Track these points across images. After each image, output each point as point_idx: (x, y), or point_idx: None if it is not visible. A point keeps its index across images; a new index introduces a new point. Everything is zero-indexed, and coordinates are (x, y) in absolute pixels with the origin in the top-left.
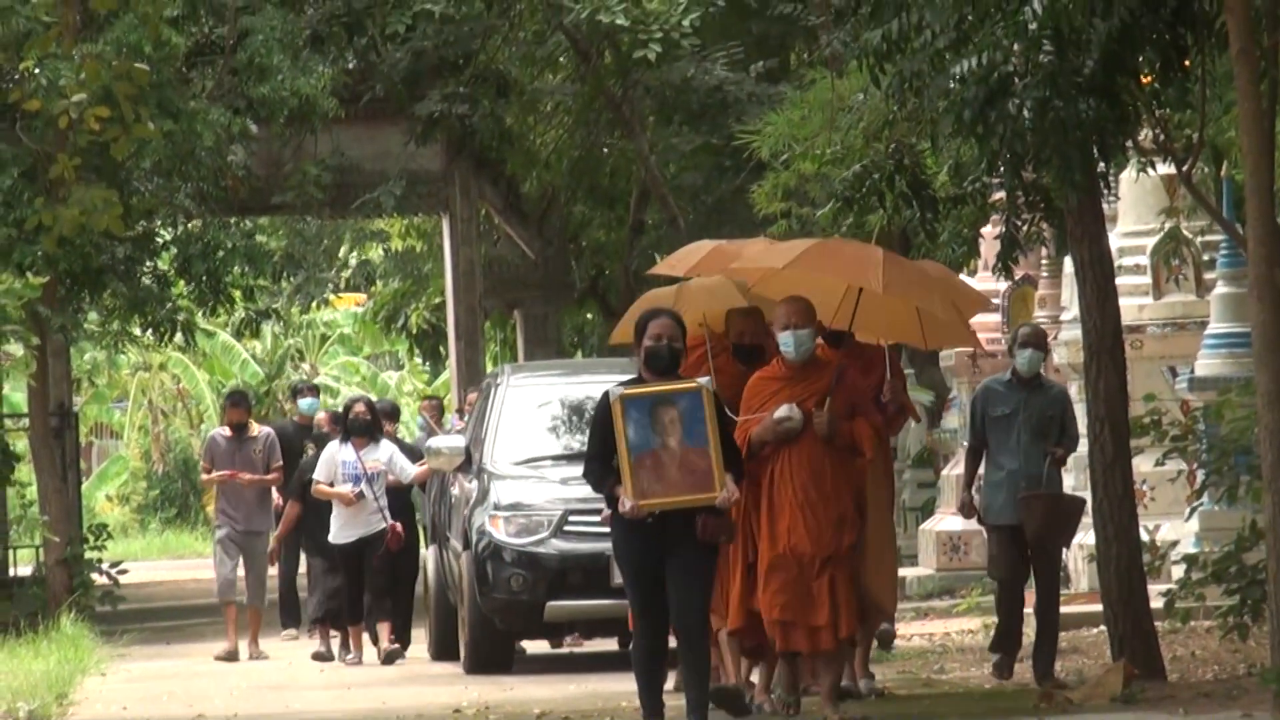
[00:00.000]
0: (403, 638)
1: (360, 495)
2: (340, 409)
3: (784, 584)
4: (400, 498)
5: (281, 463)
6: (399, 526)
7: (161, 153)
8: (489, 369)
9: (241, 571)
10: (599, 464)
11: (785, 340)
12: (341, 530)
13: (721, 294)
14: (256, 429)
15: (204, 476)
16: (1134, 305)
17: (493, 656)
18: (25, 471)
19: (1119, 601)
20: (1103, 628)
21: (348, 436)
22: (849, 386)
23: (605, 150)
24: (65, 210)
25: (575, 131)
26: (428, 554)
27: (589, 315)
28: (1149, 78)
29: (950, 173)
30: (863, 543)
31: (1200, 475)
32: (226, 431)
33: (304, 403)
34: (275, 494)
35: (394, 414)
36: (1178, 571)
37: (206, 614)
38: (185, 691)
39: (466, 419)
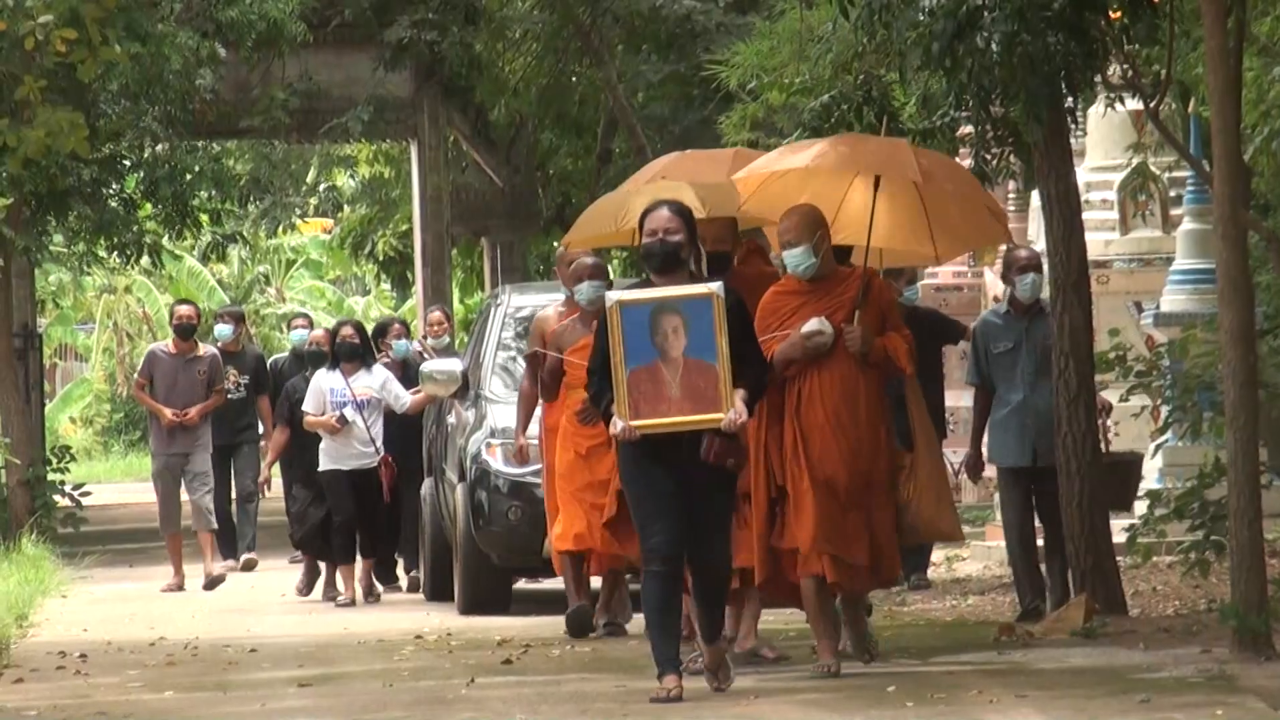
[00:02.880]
0: (390, 575)
1: (343, 421)
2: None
3: (824, 514)
4: (410, 427)
5: (222, 385)
6: (390, 459)
7: (129, 76)
8: (455, 295)
9: (185, 495)
10: (599, 378)
11: (785, 258)
12: (328, 461)
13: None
14: (202, 349)
15: (137, 392)
16: (1100, 240)
17: (489, 596)
18: None
19: (1081, 536)
20: None
21: (336, 362)
22: (878, 297)
23: (574, 79)
24: (31, 132)
25: (544, 59)
26: (424, 487)
27: (555, 243)
28: (1117, 13)
29: (918, 105)
30: (915, 469)
31: (1164, 411)
32: (170, 348)
33: (296, 335)
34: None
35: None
36: (1140, 507)
37: None
38: (147, 614)
39: (429, 341)
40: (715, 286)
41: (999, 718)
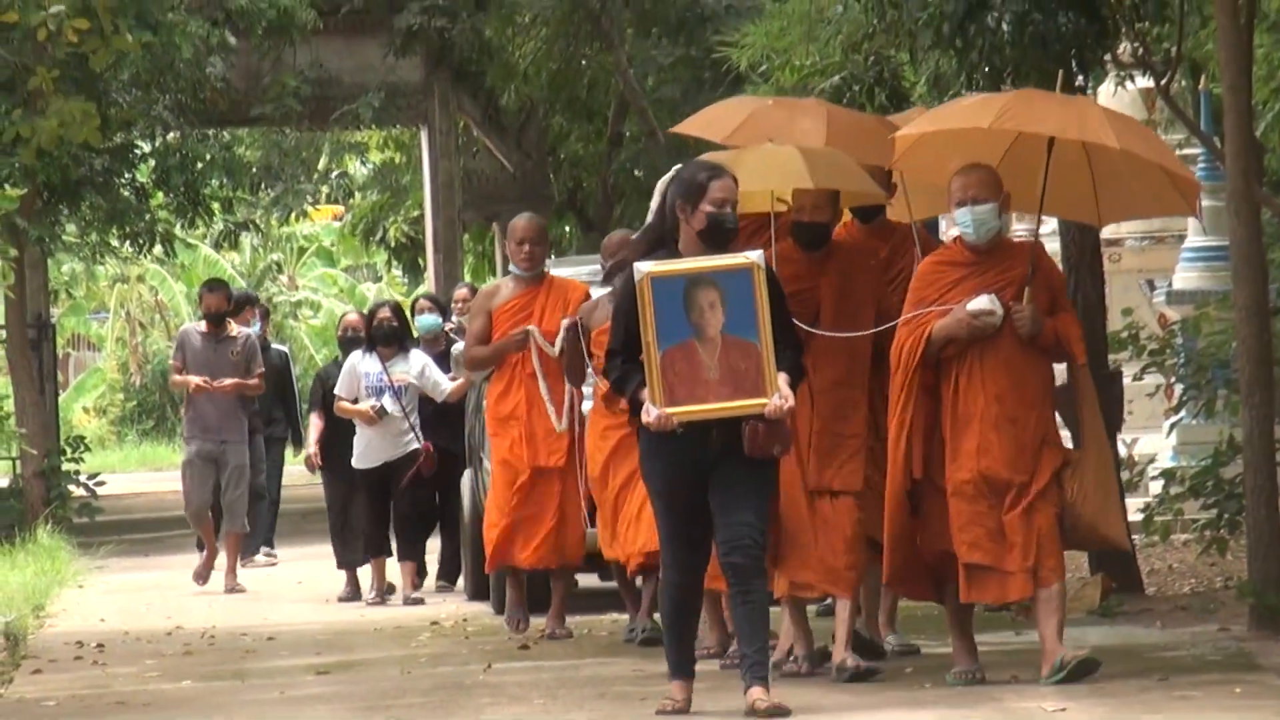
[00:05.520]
0: (449, 572)
1: (381, 411)
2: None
3: (973, 517)
4: (448, 415)
5: (263, 368)
6: (432, 447)
7: (140, 65)
8: (467, 280)
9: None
10: (622, 360)
11: (962, 218)
12: (365, 454)
13: (790, 169)
14: (236, 329)
15: (174, 377)
16: None
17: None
18: (2, 383)
19: None
20: None
21: (372, 345)
22: (1048, 273)
23: (584, 63)
24: (43, 122)
25: (554, 44)
26: (464, 479)
27: (567, 228)
28: None
29: (929, 85)
30: (1082, 468)
31: (1178, 389)
32: (202, 327)
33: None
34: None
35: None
36: (1156, 486)
37: (184, 526)
38: (163, 603)
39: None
40: (755, 256)
41: (1017, 697)
